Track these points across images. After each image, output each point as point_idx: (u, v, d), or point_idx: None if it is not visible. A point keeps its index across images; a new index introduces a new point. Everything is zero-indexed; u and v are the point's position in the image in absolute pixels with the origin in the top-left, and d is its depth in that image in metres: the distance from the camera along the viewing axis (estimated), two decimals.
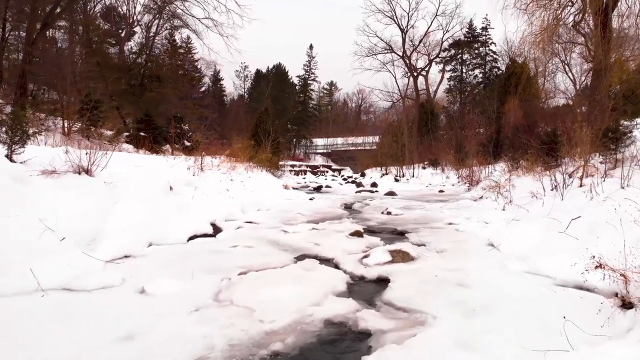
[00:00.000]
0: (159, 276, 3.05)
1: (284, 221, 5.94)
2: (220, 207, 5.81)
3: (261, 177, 11.97)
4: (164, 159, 7.22)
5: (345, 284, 3.05)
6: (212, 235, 4.62)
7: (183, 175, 6.37)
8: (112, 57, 25.58)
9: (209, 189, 6.47)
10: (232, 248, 4.07)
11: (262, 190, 9.04)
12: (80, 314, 2.36)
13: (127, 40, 27.06)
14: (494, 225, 5.06)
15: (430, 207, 8.06)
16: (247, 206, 6.69)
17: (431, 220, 6.16)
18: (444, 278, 3.06)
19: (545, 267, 3.22)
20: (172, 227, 4.48)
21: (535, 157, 10.35)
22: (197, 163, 7.38)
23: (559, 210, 4.43)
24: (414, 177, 22.95)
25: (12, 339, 2.03)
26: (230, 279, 3.04)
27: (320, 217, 6.69)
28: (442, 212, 7.04)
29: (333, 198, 10.54)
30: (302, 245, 4.23)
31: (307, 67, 45.87)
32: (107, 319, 2.29)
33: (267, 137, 16.03)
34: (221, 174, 8.34)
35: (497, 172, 14.30)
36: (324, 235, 4.76)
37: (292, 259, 3.71)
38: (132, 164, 5.85)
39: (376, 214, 7.15)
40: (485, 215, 6.03)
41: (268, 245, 4.23)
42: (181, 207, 5.17)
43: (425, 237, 4.84)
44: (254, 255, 3.78)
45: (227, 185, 7.37)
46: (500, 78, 28.70)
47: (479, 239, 4.58)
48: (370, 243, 4.40)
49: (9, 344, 1.97)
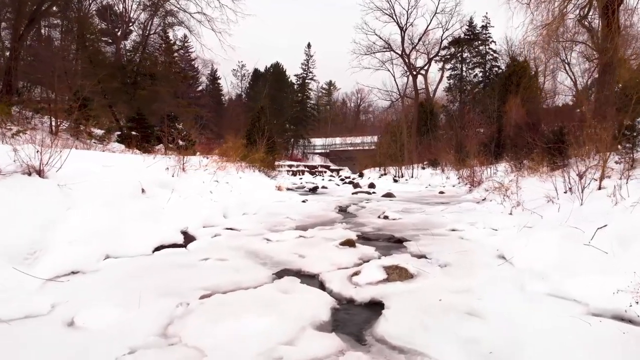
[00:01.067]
0: (101, 301, 2.49)
1: (269, 227, 5.37)
2: (198, 212, 5.25)
3: (253, 177, 11.41)
4: (141, 157, 6.64)
5: (330, 311, 2.48)
6: (182, 245, 4.04)
7: (160, 176, 5.80)
8: (105, 55, 25.06)
9: (189, 191, 5.91)
10: (202, 261, 3.50)
11: (252, 191, 8.47)
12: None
13: (124, 39, 26.55)
14: (503, 233, 4.51)
15: (431, 210, 7.50)
16: (231, 210, 6.12)
17: (432, 226, 5.60)
18: (450, 303, 2.50)
19: (572, 290, 2.65)
20: (136, 236, 3.91)
21: (542, 156, 9.82)
22: (179, 163, 6.81)
23: (578, 217, 3.87)
24: (413, 178, 22.40)
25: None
26: (188, 305, 2.48)
27: (311, 222, 6.13)
28: (444, 217, 6.48)
29: (328, 200, 9.98)
30: (285, 258, 3.66)
31: (305, 66, 45.27)
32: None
33: (262, 135, 15.46)
34: (208, 174, 7.78)
35: (499, 173, 13.77)
36: (311, 245, 4.19)
37: (270, 275, 3.14)
38: (102, 163, 5.28)
39: (372, 218, 6.59)
40: (491, 220, 5.48)
41: (245, 258, 3.66)
42: (152, 212, 4.60)
43: (426, 246, 4.28)
44: (225, 271, 3.21)
45: (211, 187, 6.80)
46: (501, 77, 28.20)
47: (486, 250, 4.01)
48: (363, 254, 3.83)
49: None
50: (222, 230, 4.83)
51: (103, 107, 19.45)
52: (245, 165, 12.37)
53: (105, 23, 27.12)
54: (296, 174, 32.48)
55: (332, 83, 57.82)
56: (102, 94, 19.09)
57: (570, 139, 9.75)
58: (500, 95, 23.66)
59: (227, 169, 10.58)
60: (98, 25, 25.95)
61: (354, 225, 5.88)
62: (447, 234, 5.03)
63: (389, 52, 32.98)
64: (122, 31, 26.59)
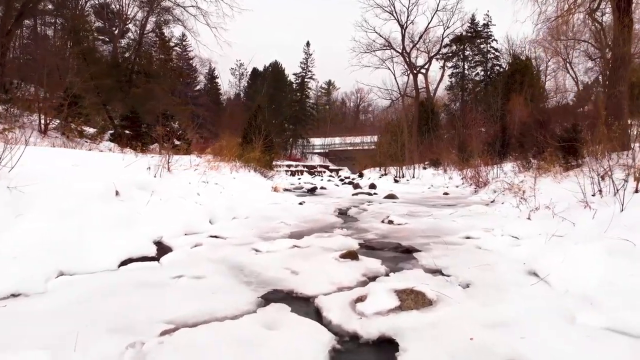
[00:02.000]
0: (27, 340, 1.89)
1: (260, 234, 4.78)
2: (180, 217, 4.65)
3: (248, 178, 10.82)
4: (121, 156, 6.04)
5: (328, 355, 1.89)
6: (154, 258, 3.44)
7: (139, 176, 5.21)
8: (100, 52, 24.56)
9: (173, 193, 5.32)
10: (175, 280, 2.91)
11: (245, 193, 7.88)
12: None
13: (121, 37, 26.04)
14: (528, 243, 3.92)
15: (438, 213, 6.92)
16: (220, 214, 5.52)
17: (443, 233, 5.01)
18: (485, 344, 1.91)
19: (637, 324, 2.07)
20: (100, 248, 3.32)
21: (555, 155, 9.26)
22: (163, 162, 6.21)
23: (620, 226, 3.29)
24: (414, 178, 21.84)
25: None
26: (142, 346, 1.88)
27: (308, 227, 5.53)
28: (454, 221, 5.90)
29: (326, 202, 9.39)
30: (274, 274, 3.06)
31: (304, 64, 44.71)
32: None
33: (258, 134, 14.85)
34: (198, 174, 7.20)
35: (507, 173, 13.20)
36: (307, 257, 3.60)
37: (254, 300, 2.55)
38: (72, 162, 4.69)
39: (375, 222, 5.99)
40: (509, 226, 4.89)
41: (226, 275, 3.06)
42: (125, 219, 4.01)
43: (440, 258, 3.70)
44: (199, 293, 2.62)
45: (199, 189, 6.21)
46: (503, 75, 27.67)
47: (512, 264, 3.42)
48: (368, 269, 3.24)
49: None
50: (206, 239, 4.22)
51: (97, 106, 18.94)
52: (240, 165, 11.78)
53: (102, 21, 26.61)
54: (295, 174, 31.90)
55: (331, 82, 57.28)
56: (96, 92, 18.57)
57: (584, 136, 9.20)
58: (503, 94, 23.12)
59: (221, 169, 10.00)
60: (94, 22, 25.49)
61: (356, 232, 5.29)
62: (462, 242, 4.44)
63: (389, 50, 32.43)
64: (119, 30, 26.07)
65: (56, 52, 19.14)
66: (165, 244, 3.78)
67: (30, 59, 18.32)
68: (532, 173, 10.82)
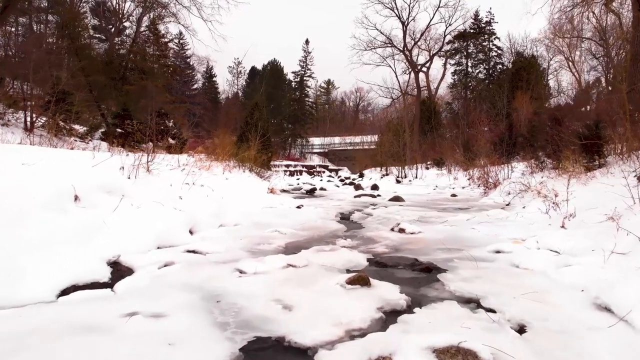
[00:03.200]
0: None
1: (250, 246, 4.01)
2: (153, 227, 3.88)
3: (242, 179, 10.04)
4: (91, 154, 5.26)
5: None
6: (107, 284, 2.67)
7: (108, 178, 4.42)
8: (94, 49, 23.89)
9: (149, 197, 4.55)
10: (125, 319, 2.14)
11: (237, 196, 7.11)
12: None
13: (117, 35, 25.32)
14: (580, 262, 3.15)
15: (453, 219, 6.15)
16: (204, 221, 4.76)
17: (465, 244, 4.26)
18: None
19: None
20: (38, 272, 2.55)
21: (576, 154, 8.52)
22: (141, 160, 5.44)
23: None
24: (417, 179, 21.09)
25: None
26: None
27: (306, 236, 4.77)
28: (474, 229, 5.14)
29: (327, 205, 8.63)
30: (260, 311, 2.29)
31: (304, 62, 43.86)
32: None
33: (255, 131, 14.06)
34: (185, 174, 6.43)
35: (516, 173, 12.46)
36: (304, 281, 2.83)
37: (229, 356, 1.78)
38: (21, 160, 3.92)
39: (383, 230, 5.23)
40: (545, 237, 4.13)
41: (196, 311, 2.29)
42: (82, 231, 3.24)
43: (472, 280, 2.94)
44: (149, 347, 1.85)
45: (182, 191, 5.44)
46: (507, 73, 26.94)
47: (567, 291, 2.66)
48: (384, 301, 2.48)
49: None
50: (181, 255, 3.45)
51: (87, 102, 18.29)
52: (234, 165, 11.00)
53: (98, 19, 25.90)
54: (293, 174, 31.15)
55: (330, 82, 56.51)
56: (88, 89, 17.89)
57: (608, 134, 8.46)
58: (508, 91, 22.38)
59: (213, 168, 9.23)
60: (90, 20, 24.86)
61: (362, 242, 4.53)
62: (492, 257, 3.68)
63: (390, 48, 31.68)
64: (115, 28, 25.38)
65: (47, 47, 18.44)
66: (124, 265, 3.00)
67: (24, 57, 17.66)
68: (547, 173, 10.10)
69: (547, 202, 5.12)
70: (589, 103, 21.00)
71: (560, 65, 30.15)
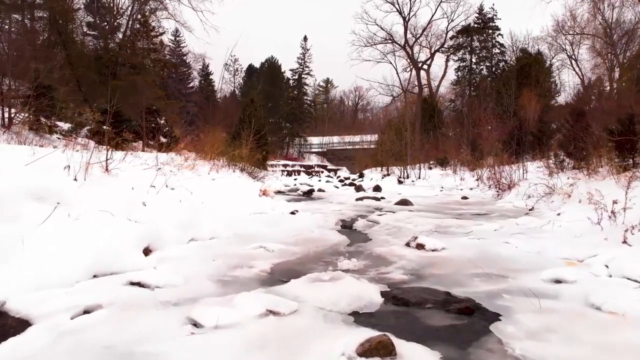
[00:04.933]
0: None
1: (221, 273, 2.98)
2: (91, 246, 2.87)
3: (231, 179, 9.01)
4: (31, 150, 4.23)
5: None
6: None
7: (44, 180, 3.40)
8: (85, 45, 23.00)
9: (98, 204, 3.53)
10: None
11: (222, 200, 6.09)
12: None
13: (112, 33, 24.33)
14: None
15: (477, 229, 5.13)
16: (168, 234, 3.74)
17: (505, 266, 3.25)
18: None
19: None
20: None
21: (608, 153, 7.54)
22: (97, 158, 4.41)
23: None
24: (420, 179, 20.10)
25: None
26: None
27: (299, 255, 3.75)
28: (508, 243, 4.13)
29: (325, 209, 7.62)
30: None
31: (302, 60, 42.82)
32: None
33: (249, 127, 13.03)
34: (161, 175, 5.40)
35: (532, 174, 11.46)
36: (288, 349, 1.81)
37: None
38: None
39: (396, 245, 4.20)
40: (613, 258, 3.13)
41: None
42: None
43: (541, 335, 1.95)
44: None
45: (147, 196, 4.41)
46: (511, 70, 26.03)
47: None
48: None
49: None
50: (117, 290, 2.41)
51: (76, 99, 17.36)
52: (223, 164, 9.99)
53: (92, 16, 24.92)
54: (291, 174, 30.11)
55: (329, 81, 55.42)
56: (77, 85, 16.96)
57: None
58: (514, 89, 21.43)
59: (197, 168, 8.22)
60: (84, 17, 23.94)
61: (371, 263, 3.51)
62: (553, 291, 2.67)
63: (391, 44, 30.68)
64: (109, 25, 24.40)
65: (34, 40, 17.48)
66: (12, 316, 1.96)
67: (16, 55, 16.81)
68: (569, 174, 9.10)
69: (599, 210, 4.12)
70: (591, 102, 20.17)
71: (563, 63, 29.29)
